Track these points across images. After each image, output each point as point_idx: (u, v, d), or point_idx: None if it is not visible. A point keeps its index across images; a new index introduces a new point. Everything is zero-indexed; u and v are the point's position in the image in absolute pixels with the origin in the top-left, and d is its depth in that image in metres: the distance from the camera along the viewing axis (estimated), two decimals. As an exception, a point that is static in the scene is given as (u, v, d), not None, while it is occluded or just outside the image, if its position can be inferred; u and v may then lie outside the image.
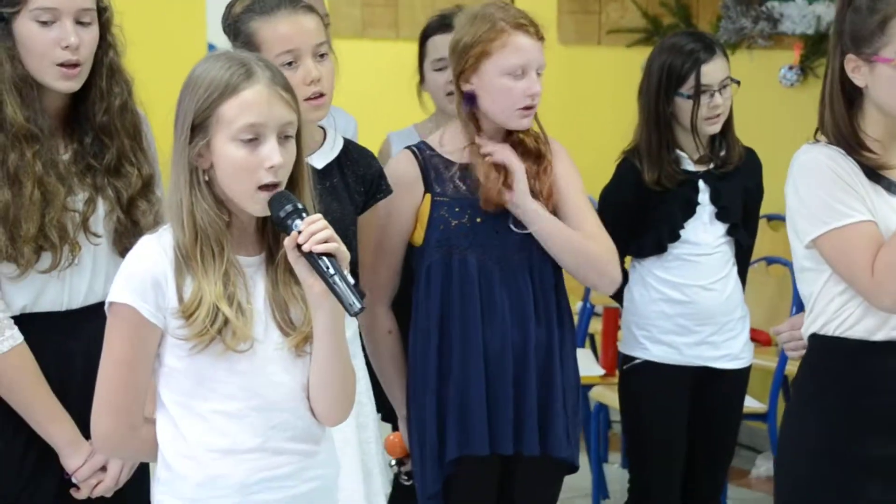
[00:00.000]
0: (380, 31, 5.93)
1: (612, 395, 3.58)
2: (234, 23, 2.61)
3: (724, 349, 3.28)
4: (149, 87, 2.54)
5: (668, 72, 3.20)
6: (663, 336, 3.27)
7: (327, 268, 1.98)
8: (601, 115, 4.91)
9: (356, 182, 2.69)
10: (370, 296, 2.69)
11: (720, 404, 3.33)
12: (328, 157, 2.66)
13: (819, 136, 2.42)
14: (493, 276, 2.80)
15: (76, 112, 2.44)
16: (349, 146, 2.72)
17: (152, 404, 2.09)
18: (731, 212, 3.27)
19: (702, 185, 3.26)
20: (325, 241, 1.98)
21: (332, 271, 1.98)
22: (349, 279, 1.98)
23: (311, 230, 1.98)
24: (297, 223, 1.99)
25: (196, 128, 2.02)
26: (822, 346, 2.40)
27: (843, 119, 2.37)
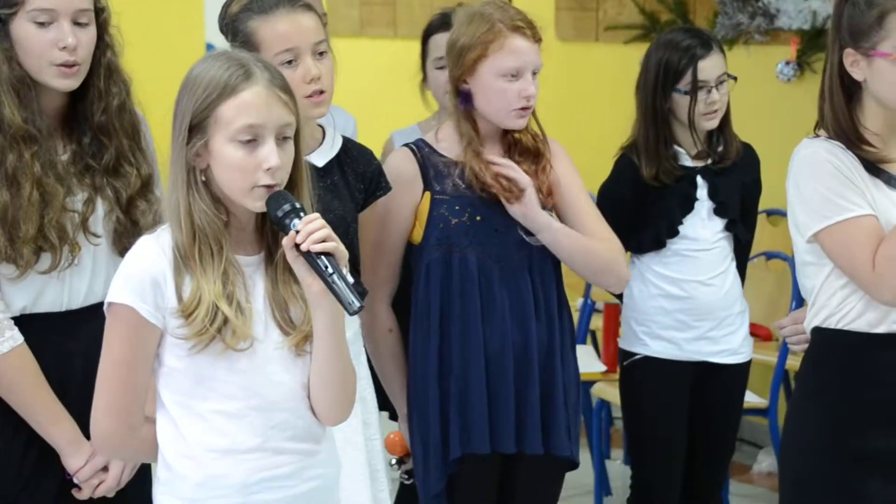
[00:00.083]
0: (378, 29, 5.92)
1: (613, 392, 3.58)
2: (232, 22, 2.60)
3: (723, 344, 3.28)
4: (147, 86, 2.54)
5: (666, 68, 3.20)
6: (663, 332, 3.27)
7: (326, 267, 1.97)
8: (599, 112, 4.91)
9: (356, 180, 2.69)
10: (370, 294, 2.70)
11: (720, 399, 3.33)
12: (328, 155, 2.65)
13: (819, 130, 2.42)
14: (493, 275, 2.80)
15: (74, 112, 2.44)
16: (348, 144, 2.72)
17: (152, 404, 2.08)
18: (729, 207, 3.27)
19: (700, 181, 3.26)
20: (324, 241, 1.97)
21: (330, 270, 1.97)
22: (348, 278, 1.98)
23: (309, 229, 1.97)
24: (295, 222, 1.99)
25: (194, 128, 2.02)
26: (824, 339, 2.41)
27: (843, 113, 2.37)
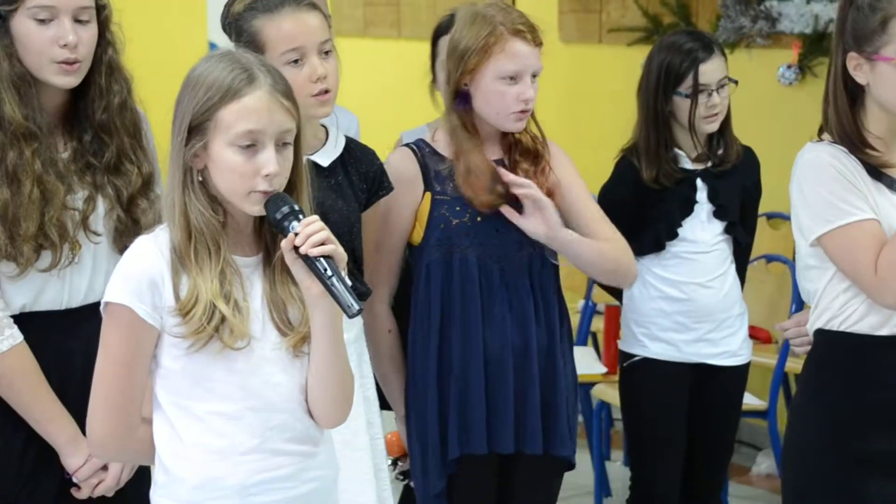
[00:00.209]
0: (382, 30, 5.92)
1: (614, 393, 3.57)
2: (235, 21, 2.59)
3: (722, 346, 3.29)
4: (148, 84, 2.53)
5: (667, 71, 3.20)
6: (662, 333, 3.27)
7: (325, 269, 1.96)
8: (602, 113, 4.90)
9: (359, 179, 2.69)
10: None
11: (719, 401, 3.33)
12: (332, 155, 2.65)
13: (823, 134, 2.42)
14: (494, 275, 2.80)
15: (75, 110, 2.43)
16: (351, 144, 2.71)
17: (149, 406, 2.07)
18: (729, 210, 3.27)
19: (700, 184, 3.26)
20: (322, 243, 1.96)
21: (329, 273, 1.96)
22: (347, 280, 1.97)
23: (308, 232, 1.96)
24: (294, 225, 1.97)
25: (193, 129, 2.00)
26: (826, 341, 2.42)
27: (847, 117, 2.37)
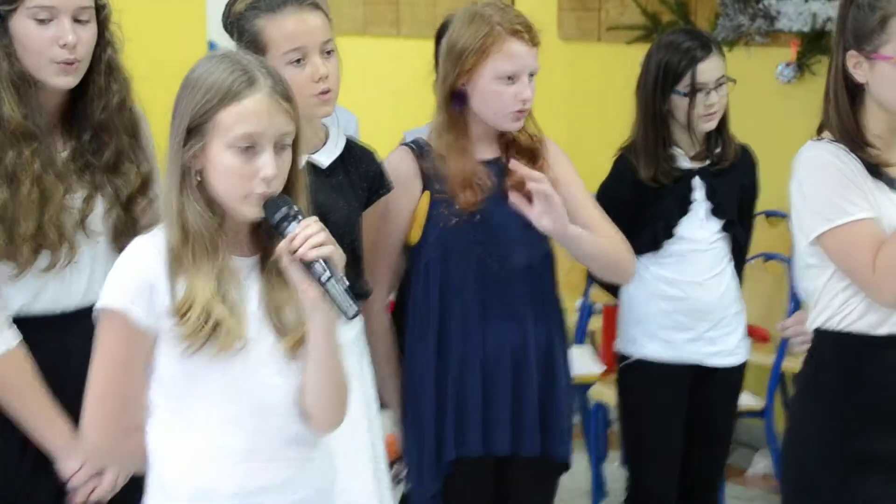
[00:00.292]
0: (381, 28, 5.92)
1: (610, 394, 3.57)
2: (237, 20, 2.59)
3: (719, 345, 3.28)
4: (148, 84, 2.53)
5: (665, 69, 3.20)
6: (659, 332, 3.27)
7: (323, 271, 1.95)
8: (601, 111, 4.90)
9: (360, 179, 2.69)
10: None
11: (716, 401, 3.33)
12: (332, 154, 2.65)
13: (824, 133, 2.42)
14: (492, 275, 2.80)
15: (74, 110, 2.43)
16: (351, 144, 2.71)
17: (144, 411, 2.05)
18: (727, 208, 3.27)
19: (697, 182, 3.26)
20: (320, 246, 1.95)
21: (327, 276, 1.95)
22: (344, 283, 1.96)
23: (306, 234, 1.95)
24: (293, 227, 1.97)
25: (192, 130, 2.00)
26: (826, 340, 2.42)
27: (847, 115, 2.38)
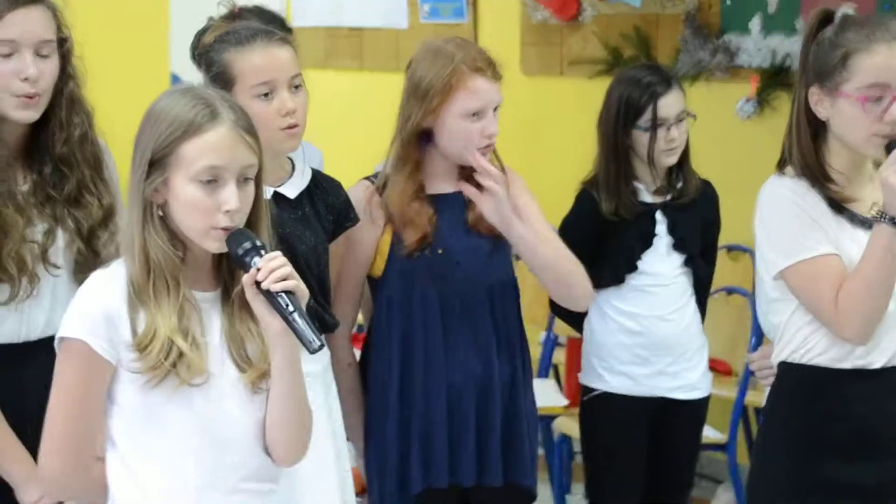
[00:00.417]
0: (343, 61, 5.93)
1: (575, 426, 3.57)
2: (206, 52, 2.59)
3: (681, 379, 3.29)
4: (110, 117, 2.52)
5: (626, 104, 3.22)
6: (621, 367, 3.27)
7: (286, 305, 1.95)
8: (563, 145, 4.92)
9: (326, 211, 2.69)
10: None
11: (679, 434, 3.33)
12: (298, 186, 2.65)
13: (786, 168, 2.44)
14: (455, 308, 2.81)
15: (35, 142, 2.42)
16: (318, 176, 2.72)
17: (103, 444, 2.04)
18: (689, 243, 3.28)
19: (659, 217, 3.27)
20: (284, 279, 1.95)
21: (291, 308, 1.95)
22: (307, 317, 1.96)
23: (270, 267, 1.95)
24: (256, 260, 1.97)
25: (154, 164, 1.99)
26: (789, 373, 2.44)
27: (809, 151, 2.40)
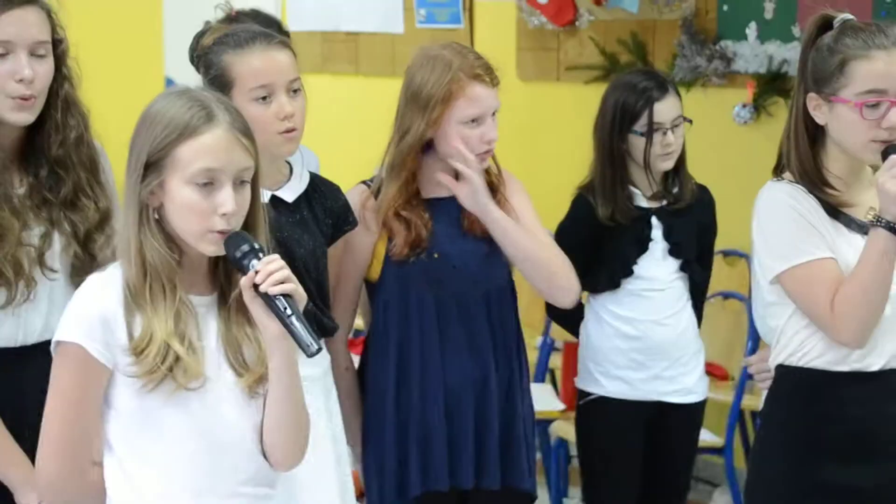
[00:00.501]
0: (340, 65, 5.93)
1: (571, 430, 3.58)
2: (205, 54, 2.59)
3: (677, 384, 3.29)
4: (105, 120, 2.52)
5: (622, 109, 3.22)
6: (617, 371, 3.27)
7: (284, 308, 1.95)
8: (560, 151, 4.93)
9: (324, 214, 2.70)
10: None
11: (675, 439, 3.34)
12: (296, 190, 2.65)
13: (785, 173, 2.45)
14: (451, 312, 2.82)
15: (31, 145, 2.41)
16: (316, 179, 2.72)
17: (101, 448, 2.03)
18: (684, 248, 3.28)
19: (655, 222, 3.27)
20: (283, 282, 1.95)
21: (289, 312, 1.95)
22: (305, 321, 1.95)
23: (269, 270, 1.95)
24: (254, 263, 1.96)
25: (150, 166, 1.99)
26: (787, 376, 2.45)
27: (807, 156, 2.41)
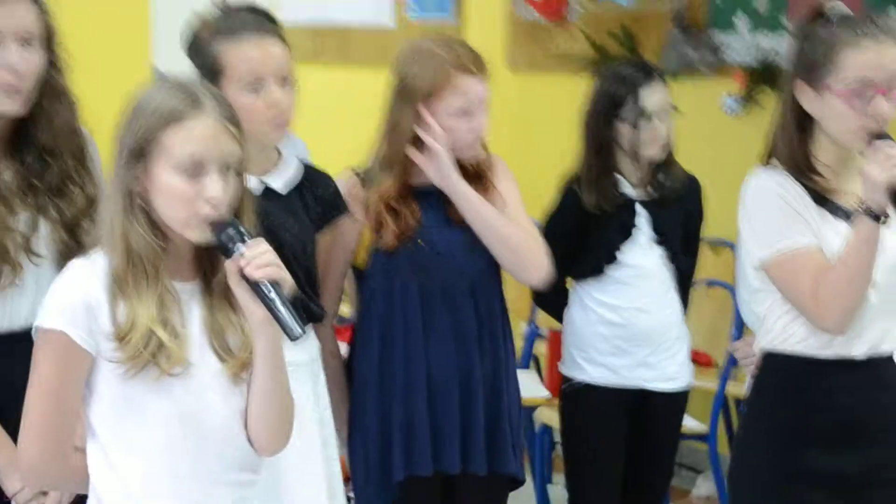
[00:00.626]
0: (331, 56, 5.93)
1: (556, 417, 3.60)
2: (198, 43, 2.59)
3: (661, 371, 3.31)
4: (91, 110, 2.51)
5: (609, 97, 3.24)
6: (601, 358, 3.29)
7: (269, 293, 1.96)
8: (551, 142, 4.92)
9: (314, 202, 2.70)
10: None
11: (658, 425, 3.36)
12: (285, 177, 2.66)
13: (772, 160, 2.46)
14: (436, 299, 2.83)
15: (19, 133, 2.42)
16: (306, 167, 2.72)
17: (84, 433, 2.04)
18: (669, 236, 3.30)
19: (640, 209, 3.29)
20: (268, 267, 1.96)
21: (274, 297, 1.96)
22: (290, 305, 1.97)
23: (254, 255, 1.96)
24: (240, 247, 1.97)
25: (136, 153, 1.99)
26: (771, 362, 2.46)
27: (796, 144, 2.42)
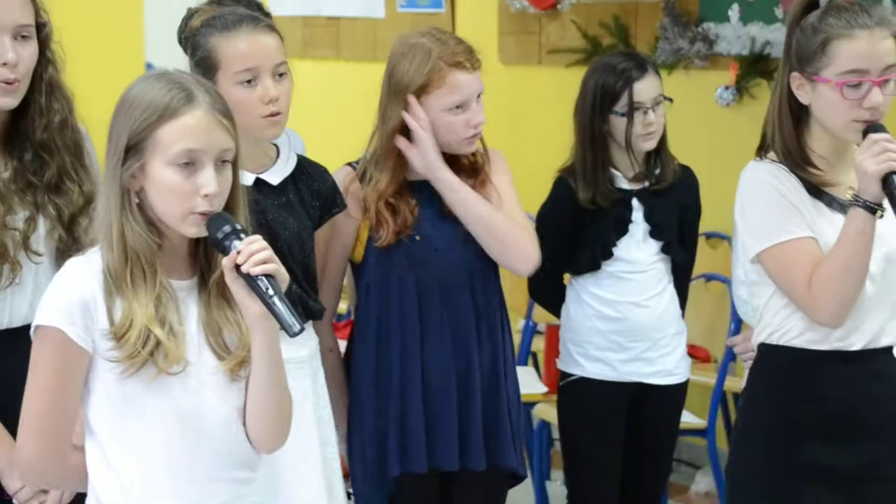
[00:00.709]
0: (321, 50, 5.92)
1: (554, 413, 3.60)
2: (192, 36, 2.59)
3: (658, 365, 3.30)
4: (84, 105, 2.51)
5: (602, 90, 3.23)
6: (598, 353, 3.28)
7: (266, 289, 1.95)
8: (542, 134, 4.94)
9: (311, 197, 2.70)
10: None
11: (656, 420, 3.35)
12: (282, 172, 2.66)
13: (769, 153, 2.46)
14: (433, 294, 2.83)
15: (15, 129, 2.41)
16: (303, 162, 2.72)
17: (82, 432, 2.04)
18: (665, 229, 3.29)
19: (635, 204, 3.28)
20: (264, 262, 1.95)
21: (271, 292, 1.95)
22: (287, 301, 1.96)
23: (251, 250, 1.95)
24: (236, 244, 1.97)
25: (130, 149, 1.99)
26: (768, 355, 2.47)
27: (791, 136, 2.42)
